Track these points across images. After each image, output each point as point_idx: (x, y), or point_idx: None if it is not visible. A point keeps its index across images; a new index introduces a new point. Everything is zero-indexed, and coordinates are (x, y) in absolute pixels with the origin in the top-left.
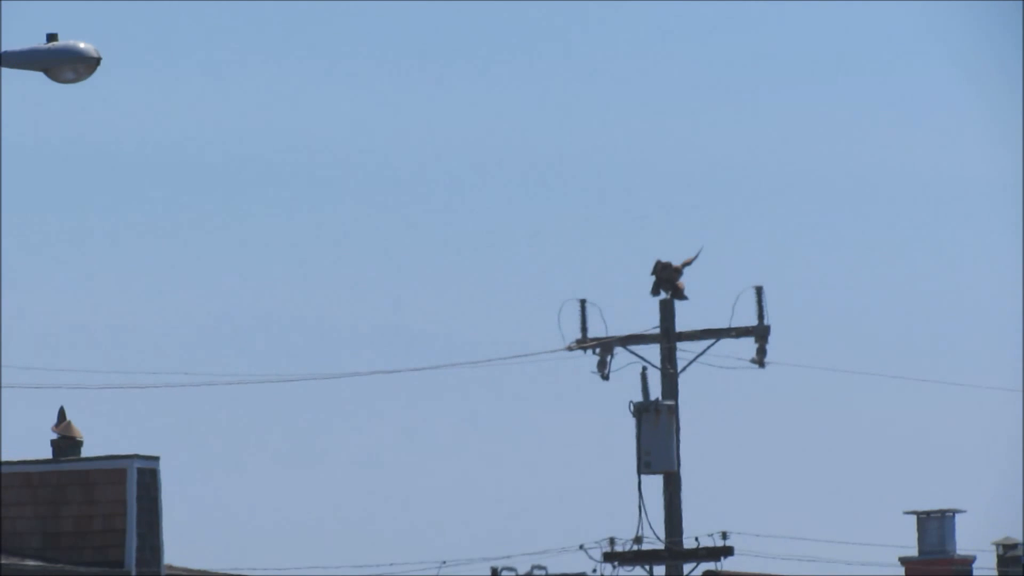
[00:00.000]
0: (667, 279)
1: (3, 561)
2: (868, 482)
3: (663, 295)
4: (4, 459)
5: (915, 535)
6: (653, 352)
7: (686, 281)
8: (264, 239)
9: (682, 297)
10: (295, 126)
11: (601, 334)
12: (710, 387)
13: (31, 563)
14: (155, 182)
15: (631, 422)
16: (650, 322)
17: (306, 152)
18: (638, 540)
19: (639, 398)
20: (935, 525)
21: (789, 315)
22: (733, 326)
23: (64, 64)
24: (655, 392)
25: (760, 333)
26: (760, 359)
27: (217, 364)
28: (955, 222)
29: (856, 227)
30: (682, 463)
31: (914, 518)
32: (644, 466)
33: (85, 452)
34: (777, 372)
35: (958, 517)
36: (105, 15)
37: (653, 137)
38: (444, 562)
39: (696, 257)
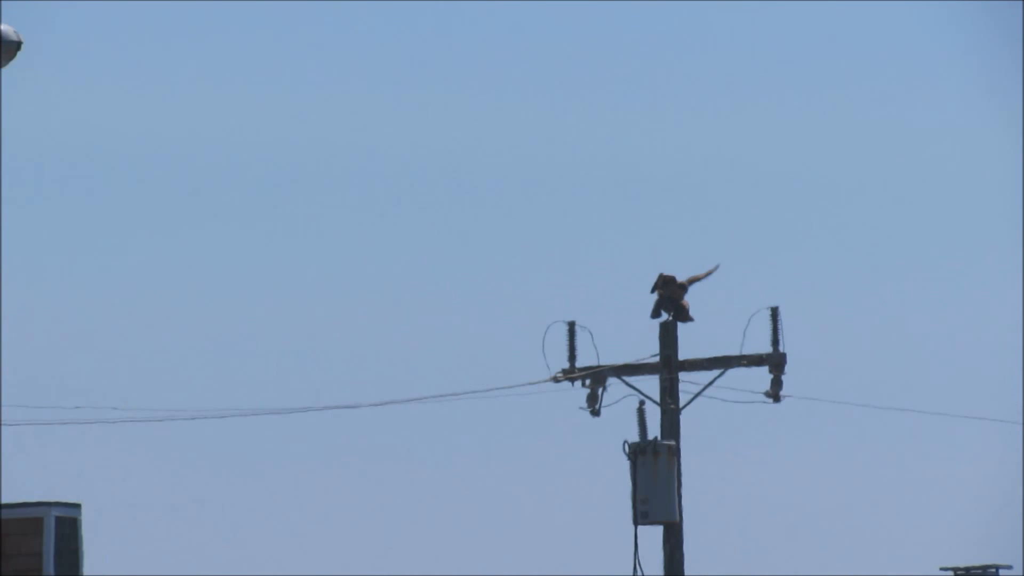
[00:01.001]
0: (670, 297)
1: None
2: (900, 534)
3: (664, 316)
4: None
5: None
6: (652, 384)
7: (692, 300)
8: (211, 264)
9: (686, 319)
10: (242, 144)
11: (592, 362)
12: (717, 424)
13: None
14: (75, 207)
15: (626, 465)
16: (649, 348)
17: (263, 173)
18: None
19: (635, 437)
20: None
21: (808, 341)
22: (744, 353)
23: None
24: (654, 430)
25: (775, 362)
26: (775, 392)
27: (153, 397)
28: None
29: (880, 242)
30: (684, 512)
31: None
32: (641, 516)
33: None
34: (795, 407)
35: (1003, 574)
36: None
37: (656, 142)
38: None
39: (709, 274)
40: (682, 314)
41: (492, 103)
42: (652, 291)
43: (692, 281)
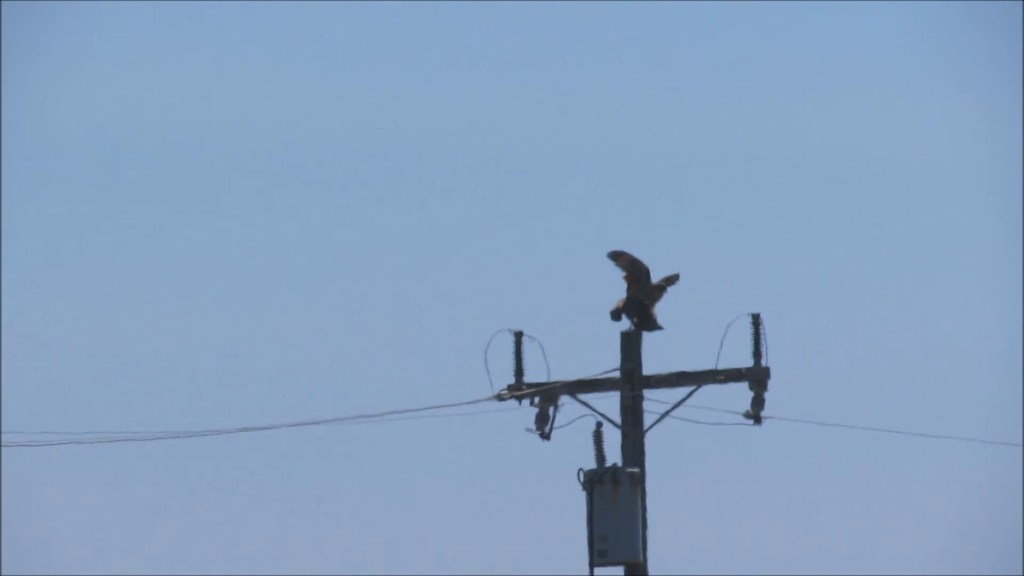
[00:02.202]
0: (638, 299)
1: None
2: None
3: (627, 323)
4: None
5: None
6: (611, 402)
7: (659, 305)
8: (149, 279)
9: (653, 327)
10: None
11: (542, 378)
12: (688, 450)
13: None
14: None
15: (581, 496)
16: (608, 361)
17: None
18: None
19: (591, 464)
20: None
21: (794, 352)
22: (720, 368)
23: None
24: (613, 456)
25: (757, 377)
26: (756, 412)
27: (89, 419)
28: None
29: (873, 245)
30: (649, 551)
31: None
32: (598, 555)
33: None
34: (779, 430)
35: None
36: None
37: (625, 132)
38: None
39: (677, 278)
40: (648, 321)
41: (439, 93)
42: (625, 278)
43: (667, 283)
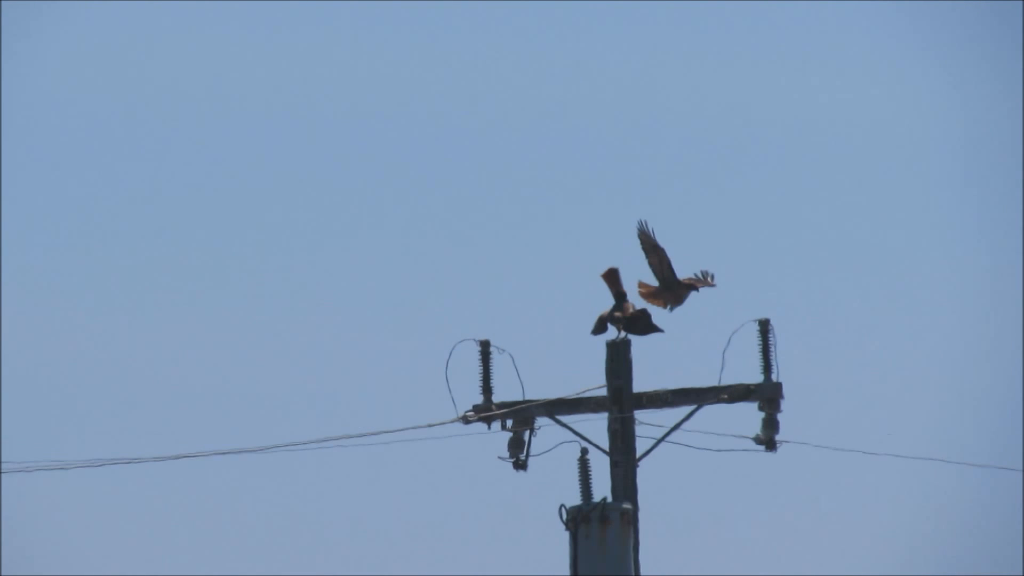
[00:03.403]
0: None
1: None
2: None
3: (616, 333)
4: None
5: None
6: (598, 425)
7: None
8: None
9: (650, 329)
10: None
11: (516, 396)
12: (687, 480)
13: None
14: None
15: (564, 537)
16: (592, 377)
17: None
18: None
19: (575, 499)
20: None
21: (808, 366)
22: (724, 384)
23: None
24: (601, 489)
25: (767, 395)
26: (768, 436)
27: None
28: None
29: (884, 251)
30: None
31: None
32: None
33: None
34: (793, 456)
35: None
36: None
37: (618, 121)
38: None
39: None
40: (640, 324)
41: (422, 74)
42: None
43: (690, 287)
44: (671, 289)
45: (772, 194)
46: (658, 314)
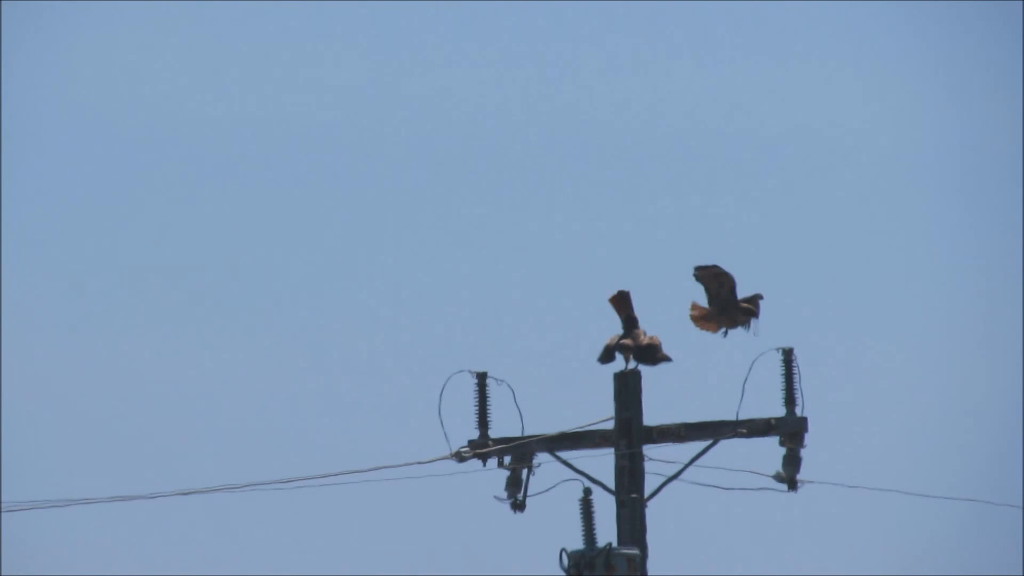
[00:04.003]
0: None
1: None
2: None
3: (624, 362)
4: None
5: None
6: (603, 463)
7: (669, 339)
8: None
9: (658, 358)
10: None
11: (514, 431)
12: (702, 523)
13: None
14: None
15: None
16: (598, 410)
17: None
18: None
19: (578, 543)
20: None
21: (834, 398)
22: (742, 418)
23: None
24: (607, 532)
25: (790, 429)
26: (790, 475)
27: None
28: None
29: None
30: None
31: None
32: None
33: None
34: (818, 497)
35: None
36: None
37: (613, 134)
38: None
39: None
40: (652, 353)
41: (429, 82)
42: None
43: (751, 306)
44: (726, 312)
45: (798, 212)
46: (701, 340)
